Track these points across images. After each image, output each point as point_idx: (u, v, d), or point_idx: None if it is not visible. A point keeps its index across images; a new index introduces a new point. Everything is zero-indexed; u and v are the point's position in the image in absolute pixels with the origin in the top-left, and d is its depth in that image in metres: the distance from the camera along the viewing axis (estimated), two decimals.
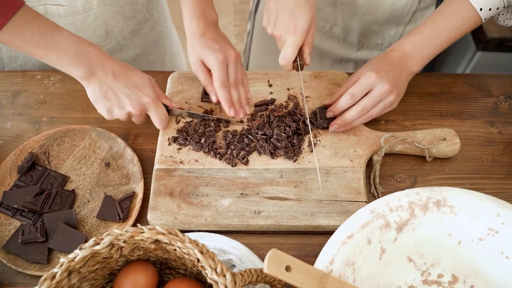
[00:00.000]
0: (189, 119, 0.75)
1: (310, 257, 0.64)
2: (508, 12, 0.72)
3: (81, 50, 0.66)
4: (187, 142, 0.72)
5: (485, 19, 0.69)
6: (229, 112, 0.72)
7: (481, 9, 0.68)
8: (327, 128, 0.73)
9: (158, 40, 1.05)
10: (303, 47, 0.70)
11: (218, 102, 0.74)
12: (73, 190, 0.69)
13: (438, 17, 0.71)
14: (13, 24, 0.61)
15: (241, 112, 0.73)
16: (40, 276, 0.61)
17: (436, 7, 0.88)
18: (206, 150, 0.71)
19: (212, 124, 0.74)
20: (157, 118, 0.71)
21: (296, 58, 0.70)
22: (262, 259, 0.61)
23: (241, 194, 0.67)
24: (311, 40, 0.70)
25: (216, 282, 0.47)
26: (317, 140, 0.73)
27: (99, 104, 0.69)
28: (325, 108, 0.74)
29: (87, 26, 0.86)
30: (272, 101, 0.77)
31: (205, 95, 0.77)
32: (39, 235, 0.63)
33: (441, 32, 0.71)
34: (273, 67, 1.11)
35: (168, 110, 0.74)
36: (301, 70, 0.72)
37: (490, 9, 0.68)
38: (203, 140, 0.72)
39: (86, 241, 0.63)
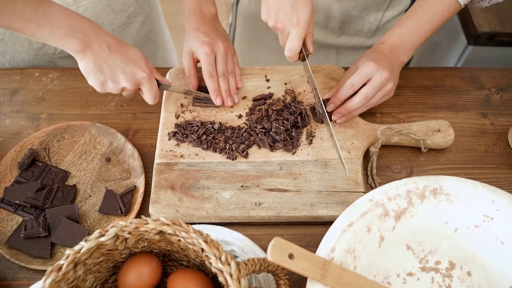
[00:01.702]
0: (188, 116, 0.76)
1: (310, 247, 0.64)
2: None
3: (74, 23, 0.65)
4: (185, 139, 0.73)
5: (464, 4, 0.72)
6: (215, 101, 0.76)
7: None
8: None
9: (149, 35, 1.06)
10: (305, 38, 0.71)
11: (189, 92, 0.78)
12: (74, 185, 0.70)
13: (420, 7, 0.74)
14: None
15: (228, 100, 0.76)
16: (43, 271, 0.62)
17: None
18: (205, 146, 0.72)
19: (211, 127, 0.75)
20: (150, 93, 0.71)
21: (300, 49, 0.71)
22: (264, 250, 0.62)
23: (242, 186, 0.68)
24: (312, 30, 0.71)
25: (221, 271, 0.47)
26: (315, 133, 0.74)
27: (92, 77, 0.68)
28: (324, 102, 0.75)
29: None
30: (270, 95, 0.78)
31: (196, 100, 0.78)
32: (41, 229, 0.63)
33: (425, 22, 0.73)
34: (256, 58, 1.13)
35: (159, 85, 0.74)
36: (307, 59, 0.73)
37: None
38: (204, 137, 0.72)
39: (88, 235, 0.64)
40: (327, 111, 0.74)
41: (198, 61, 0.79)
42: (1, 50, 0.87)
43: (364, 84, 0.71)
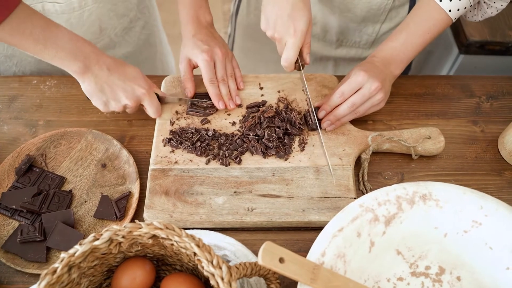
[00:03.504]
0: (183, 123, 0.77)
1: (302, 252, 0.65)
2: (475, 9, 0.76)
3: (78, 46, 0.68)
4: (180, 146, 0.74)
5: (455, 19, 0.73)
6: (218, 105, 0.78)
7: (450, 11, 0.71)
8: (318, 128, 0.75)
9: (149, 39, 1.08)
10: (302, 48, 0.73)
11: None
12: (70, 190, 0.71)
13: (412, 22, 0.75)
14: (15, 18, 0.62)
15: (230, 103, 0.79)
16: (39, 275, 0.62)
17: (409, 5, 0.92)
18: (199, 152, 0.73)
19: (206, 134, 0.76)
20: (151, 107, 0.75)
21: (297, 59, 0.73)
22: (256, 254, 0.63)
23: (235, 192, 0.69)
24: (309, 41, 0.73)
25: (213, 274, 0.48)
26: (307, 140, 0.75)
27: (95, 98, 0.72)
28: (315, 109, 0.76)
29: (82, 23, 0.88)
30: (263, 103, 0.80)
31: (190, 108, 0.79)
32: (37, 234, 0.64)
33: (416, 36, 0.74)
34: (255, 69, 1.14)
35: (160, 99, 0.77)
36: (302, 69, 0.75)
37: (458, 10, 0.72)
38: (198, 144, 0.74)
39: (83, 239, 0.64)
40: (318, 118, 0.75)
41: (194, 67, 0.81)
42: (9, 54, 0.89)
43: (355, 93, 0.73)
